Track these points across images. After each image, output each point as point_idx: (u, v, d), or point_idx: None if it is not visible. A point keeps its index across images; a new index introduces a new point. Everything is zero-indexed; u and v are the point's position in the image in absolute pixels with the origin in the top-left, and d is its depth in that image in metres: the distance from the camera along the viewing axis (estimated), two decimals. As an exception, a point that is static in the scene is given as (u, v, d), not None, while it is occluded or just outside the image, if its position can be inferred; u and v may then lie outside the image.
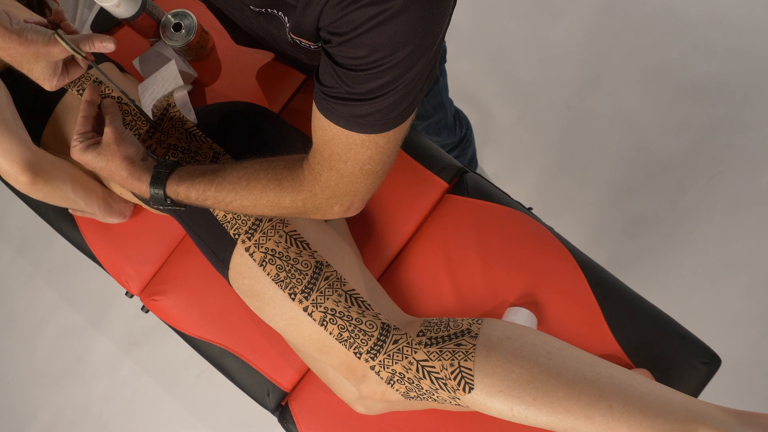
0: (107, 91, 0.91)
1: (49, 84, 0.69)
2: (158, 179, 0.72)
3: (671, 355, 0.87)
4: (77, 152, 0.74)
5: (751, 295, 1.42)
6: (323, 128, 0.58)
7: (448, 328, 0.77)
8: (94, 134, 0.76)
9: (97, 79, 0.92)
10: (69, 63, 0.72)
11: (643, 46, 1.61)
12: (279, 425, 0.99)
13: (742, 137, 1.51)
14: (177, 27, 1.04)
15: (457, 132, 1.31)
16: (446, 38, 0.82)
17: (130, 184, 0.74)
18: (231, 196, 0.69)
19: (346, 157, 0.58)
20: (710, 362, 0.87)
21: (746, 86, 1.53)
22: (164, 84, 0.92)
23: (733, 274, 1.44)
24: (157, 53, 1.06)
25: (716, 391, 0.98)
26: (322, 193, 0.64)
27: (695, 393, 0.87)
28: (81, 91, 0.91)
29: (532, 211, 1.02)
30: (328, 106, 0.56)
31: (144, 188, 0.73)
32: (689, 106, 1.55)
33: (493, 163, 1.64)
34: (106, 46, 0.68)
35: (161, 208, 0.76)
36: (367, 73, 0.51)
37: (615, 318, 0.89)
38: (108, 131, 0.75)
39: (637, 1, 1.64)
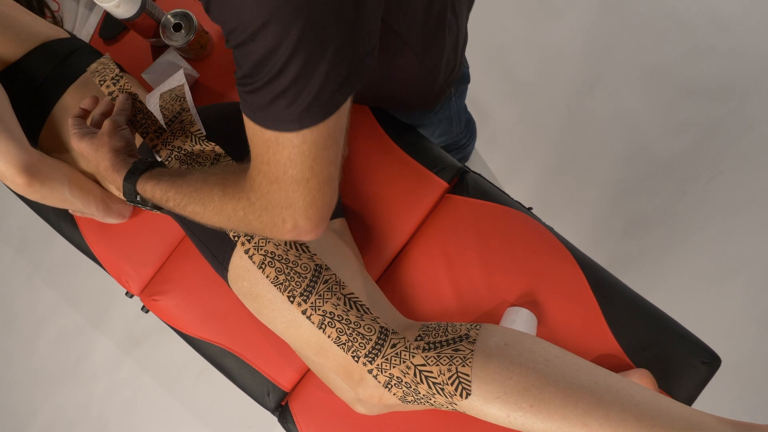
0: (127, 86, 0.91)
1: None
2: (132, 174, 0.74)
3: (671, 355, 0.87)
4: (75, 138, 0.78)
5: (750, 295, 1.42)
6: (245, 124, 0.54)
7: (447, 333, 0.77)
8: (85, 123, 0.81)
9: (116, 79, 0.92)
10: None
11: (643, 46, 1.61)
12: (279, 425, 1.00)
13: (742, 137, 1.51)
14: (177, 27, 1.04)
15: (464, 145, 1.31)
16: (446, 38, 0.82)
17: (110, 174, 0.76)
18: (186, 200, 0.67)
19: (267, 157, 0.54)
20: (710, 362, 0.87)
21: (746, 86, 1.53)
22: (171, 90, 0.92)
23: (733, 274, 1.44)
24: (166, 62, 1.06)
25: (716, 391, 0.98)
26: (258, 201, 0.58)
27: (695, 393, 0.87)
28: (102, 82, 0.92)
29: (532, 211, 1.02)
30: (240, 96, 0.52)
31: (119, 182, 0.75)
32: (689, 106, 1.55)
33: (493, 163, 1.64)
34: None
35: (133, 203, 0.76)
36: (239, 46, 0.47)
37: (615, 318, 0.89)
38: (106, 122, 0.79)
39: (637, 1, 1.64)
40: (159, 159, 0.80)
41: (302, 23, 0.44)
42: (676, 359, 0.87)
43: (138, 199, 0.74)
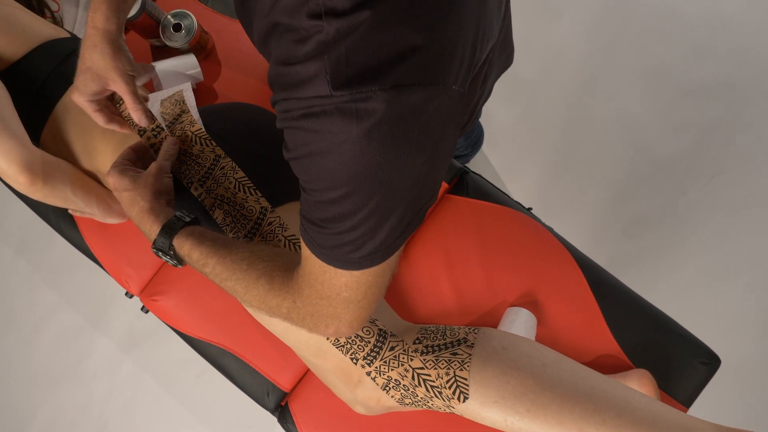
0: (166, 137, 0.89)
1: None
2: (173, 225, 0.70)
3: (671, 355, 0.87)
4: (116, 171, 0.77)
5: (751, 295, 1.42)
6: (303, 245, 0.55)
7: (445, 337, 0.77)
8: (131, 162, 0.80)
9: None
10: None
11: (643, 46, 1.61)
12: (279, 425, 1.00)
13: (742, 137, 1.51)
14: (177, 27, 1.04)
15: (465, 155, 1.31)
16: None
17: (145, 217, 0.73)
18: (227, 274, 0.66)
19: (322, 278, 0.54)
20: (710, 362, 0.87)
21: (746, 86, 1.53)
22: (170, 96, 0.92)
23: (733, 274, 1.44)
24: (179, 65, 1.05)
25: (716, 392, 0.98)
26: (304, 308, 0.59)
27: (695, 393, 0.87)
28: (141, 133, 0.88)
29: (532, 211, 1.02)
30: (302, 224, 0.53)
31: (155, 229, 0.71)
32: (689, 106, 1.55)
33: (493, 163, 1.64)
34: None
35: (161, 257, 0.73)
36: (312, 200, 0.48)
37: (615, 318, 0.89)
38: (153, 165, 0.78)
39: (637, 1, 1.64)
40: (181, 211, 0.76)
41: (381, 195, 0.45)
42: (676, 359, 0.87)
43: (170, 252, 0.71)
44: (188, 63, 1.04)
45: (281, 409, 0.99)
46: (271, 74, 0.46)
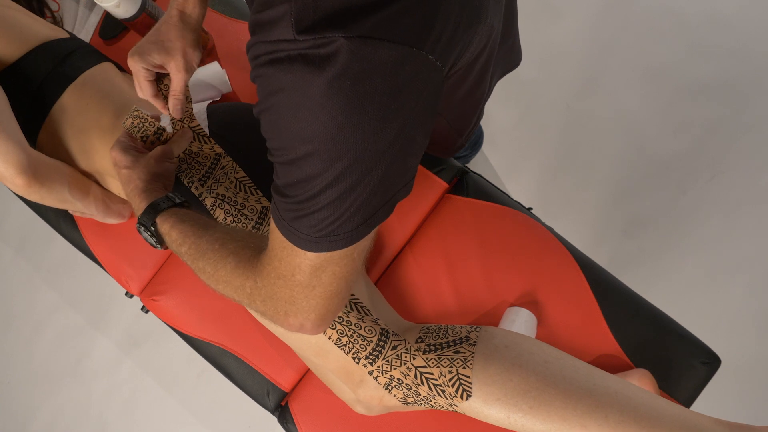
0: (168, 137, 0.90)
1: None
2: (158, 204, 0.72)
3: (671, 355, 0.87)
4: (119, 148, 0.79)
5: (751, 295, 1.42)
6: (271, 219, 0.53)
7: (447, 335, 0.77)
8: (136, 141, 0.83)
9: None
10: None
11: (643, 46, 1.61)
12: (279, 425, 1.00)
13: (742, 137, 1.51)
14: (177, 27, 1.04)
15: (464, 156, 1.32)
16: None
17: (136, 195, 0.75)
18: (199, 254, 0.64)
19: (281, 254, 0.52)
20: (710, 362, 0.87)
21: (746, 86, 1.53)
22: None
23: (733, 274, 1.44)
24: (208, 75, 1.05)
25: (716, 392, 0.98)
26: (264, 288, 0.57)
27: (695, 393, 0.87)
28: (145, 139, 0.88)
29: (532, 211, 1.02)
30: (272, 195, 0.51)
31: (142, 206, 0.73)
32: (689, 106, 1.55)
33: (493, 164, 1.64)
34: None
35: (142, 233, 0.73)
36: (276, 162, 0.47)
37: (615, 318, 0.89)
38: (160, 147, 0.80)
39: (637, 0, 1.64)
40: (175, 195, 0.77)
41: (345, 163, 0.43)
42: (676, 359, 0.87)
43: (152, 229, 0.71)
44: (216, 74, 1.03)
45: (281, 409, 0.99)
46: (250, 26, 0.45)
